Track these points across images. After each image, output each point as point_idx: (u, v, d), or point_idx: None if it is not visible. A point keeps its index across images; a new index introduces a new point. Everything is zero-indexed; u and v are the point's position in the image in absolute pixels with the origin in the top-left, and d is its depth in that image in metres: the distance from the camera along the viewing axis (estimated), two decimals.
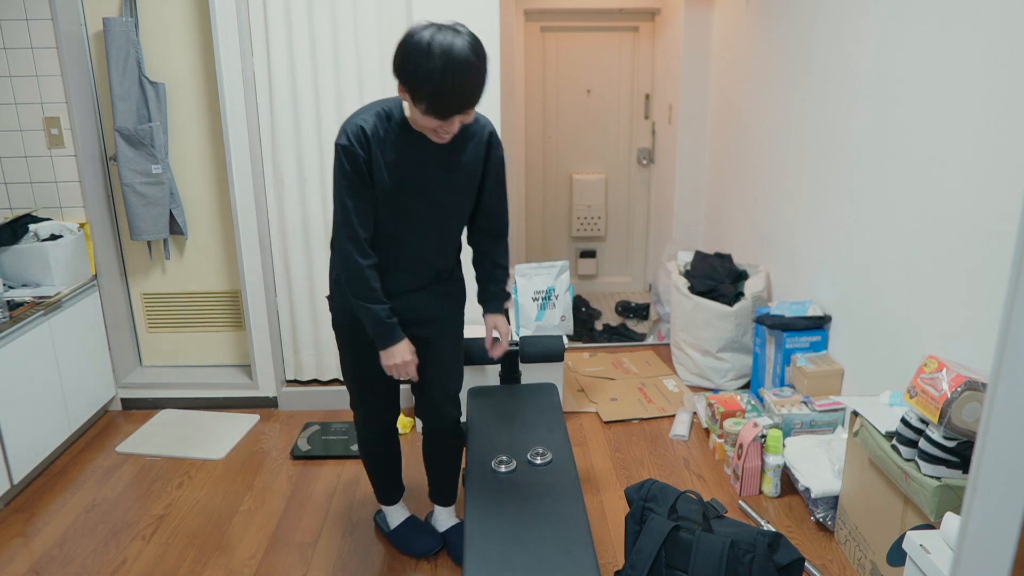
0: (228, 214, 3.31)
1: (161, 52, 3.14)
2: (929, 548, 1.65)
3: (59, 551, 2.42)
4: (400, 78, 1.68)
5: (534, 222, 5.32)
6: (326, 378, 3.39)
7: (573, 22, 4.91)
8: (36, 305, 2.79)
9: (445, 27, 1.66)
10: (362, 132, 1.77)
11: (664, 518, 1.86)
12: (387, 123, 1.80)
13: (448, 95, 1.63)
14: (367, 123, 1.78)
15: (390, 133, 1.80)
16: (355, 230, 1.82)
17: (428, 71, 1.61)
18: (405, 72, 1.65)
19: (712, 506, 1.89)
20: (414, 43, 1.63)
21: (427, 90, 1.63)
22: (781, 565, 1.75)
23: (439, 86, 1.62)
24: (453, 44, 1.62)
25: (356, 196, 1.80)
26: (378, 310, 1.87)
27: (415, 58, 1.62)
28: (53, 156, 3.08)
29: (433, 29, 1.64)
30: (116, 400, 3.37)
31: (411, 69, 1.63)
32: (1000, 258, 1.91)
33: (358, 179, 1.79)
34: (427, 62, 1.61)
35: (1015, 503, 0.64)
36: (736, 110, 3.86)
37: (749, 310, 3.31)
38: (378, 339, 1.91)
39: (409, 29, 1.68)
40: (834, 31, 2.75)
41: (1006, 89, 1.85)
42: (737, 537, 1.77)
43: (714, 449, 2.91)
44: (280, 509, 2.63)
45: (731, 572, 1.74)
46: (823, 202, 2.88)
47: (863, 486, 2.16)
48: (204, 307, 3.47)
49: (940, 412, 1.79)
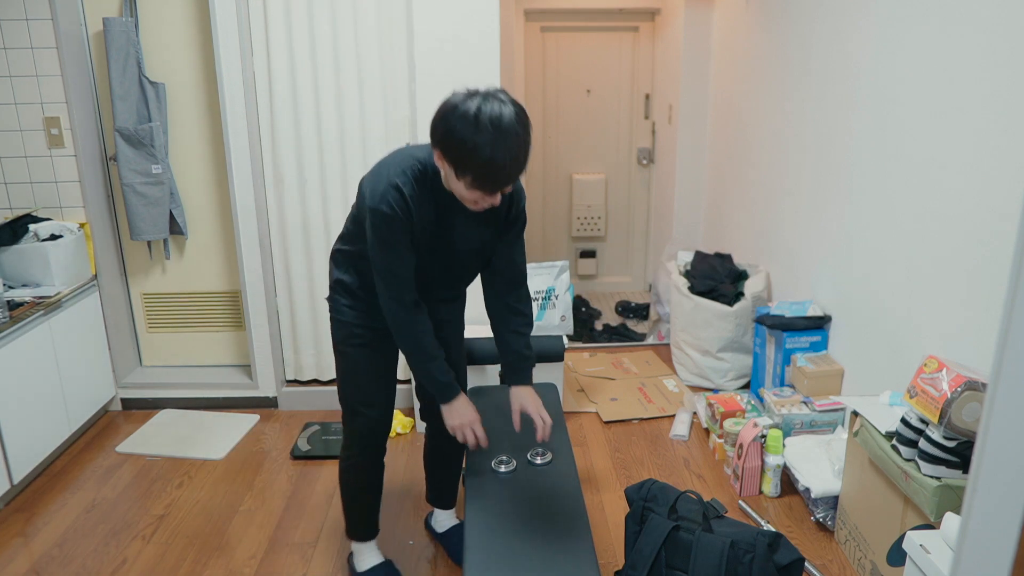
0: (228, 214, 3.31)
1: (161, 52, 3.14)
2: (929, 548, 1.65)
3: (59, 551, 2.42)
4: (442, 149, 1.58)
5: (534, 222, 5.32)
6: (326, 378, 3.39)
7: (573, 22, 4.91)
8: (36, 305, 2.79)
9: (490, 95, 1.55)
10: (401, 196, 1.67)
11: (664, 518, 1.86)
12: (423, 181, 1.71)
13: (498, 170, 1.54)
14: (405, 186, 1.68)
15: (425, 192, 1.72)
16: (402, 293, 1.77)
17: (477, 145, 1.51)
18: (450, 144, 1.55)
19: (712, 506, 1.89)
20: (460, 113, 1.53)
21: (475, 164, 1.53)
22: (781, 565, 1.75)
23: (489, 161, 1.52)
24: (502, 115, 1.51)
25: (401, 261, 1.74)
26: (433, 368, 1.84)
27: (462, 130, 1.52)
28: (53, 156, 3.08)
29: (479, 99, 1.53)
30: (116, 400, 3.37)
31: (457, 142, 1.53)
32: (1000, 258, 1.91)
33: (403, 243, 1.72)
34: (476, 135, 1.50)
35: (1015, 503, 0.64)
36: (736, 110, 3.86)
37: (749, 310, 3.31)
38: (438, 397, 1.90)
39: (450, 98, 1.58)
40: (834, 31, 2.75)
41: (1006, 89, 1.85)
42: (737, 537, 1.77)
43: (714, 449, 2.91)
44: (280, 509, 2.63)
45: (731, 572, 1.74)
46: (823, 202, 2.88)
47: (863, 486, 2.16)
48: (204, 307, 3.48)
49: (940, 412, 1.79)
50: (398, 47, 3.02)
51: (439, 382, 1.86)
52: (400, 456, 2.96)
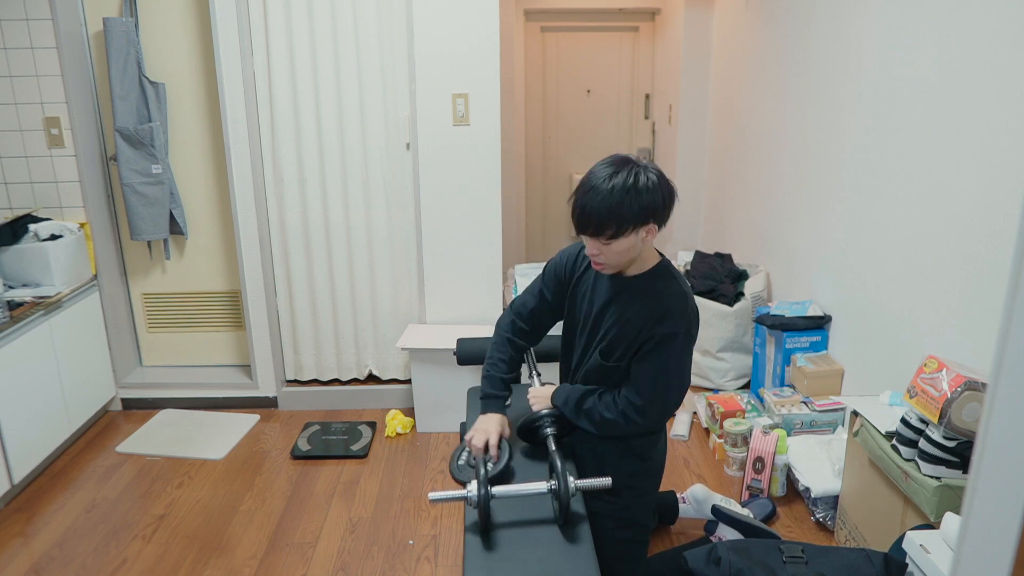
0: (228, 214, 3.30)
1: (161, 52, 3.14)
2: (929, 548, 1.65)
3: (59, 551, 2.42)
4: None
5: (534, 222, 5.32)
6: (326, 378, 3.39)
7: (573, 22, 4.91)
8: (36, 305, 2.79)
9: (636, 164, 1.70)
10: (577, 252, 1.91)
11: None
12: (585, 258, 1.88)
13: (574, 209, 1.68)
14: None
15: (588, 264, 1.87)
16: (520, 303, 2.00)
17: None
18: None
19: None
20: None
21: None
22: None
23: (573, 200, 1.70)
24: (598, 172, 1.67)
25: (536, 285, 1.98)
26: (489, 370, 1.97)
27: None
28: (53, 156, 3.08)
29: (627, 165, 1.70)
30: (116, 400, 3.37)
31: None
32: (1000, 258, 1.91)
33: (543, 277, 1.97)
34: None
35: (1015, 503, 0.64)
36: (736, 110, 3.85)
37: (749, 310, 3.31)
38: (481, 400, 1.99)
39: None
40: (834, 31, 2.75)
41: (1006, 89, 1.85)
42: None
43: (714, 449, 2.91)
44: (280, 509, 2.63)
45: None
46: (823, 202, 2.88)
47: (863, 486, 2.16)
48: (204, 307, 3.47)
49: (940, 412, 1.79)
50: (398, 47, 3.02)
51: (483, 389, 1.96)
52: (400, 456, 2.96)
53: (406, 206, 3.19)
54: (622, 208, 1.62)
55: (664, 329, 1.71)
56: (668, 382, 1.76)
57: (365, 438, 3.06)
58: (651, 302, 1.75)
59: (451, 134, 3.06)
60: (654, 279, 1.79)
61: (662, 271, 1.82)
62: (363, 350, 3.35)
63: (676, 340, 1.73)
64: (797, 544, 1.79)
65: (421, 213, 3.15)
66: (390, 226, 3.20)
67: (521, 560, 1.56)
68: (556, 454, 1.64)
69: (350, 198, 3.15)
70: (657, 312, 1.73)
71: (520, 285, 3.52)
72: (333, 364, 3.36)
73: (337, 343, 3.33)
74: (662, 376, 1.75)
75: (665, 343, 1.73)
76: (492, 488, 1.63)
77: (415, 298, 3.30)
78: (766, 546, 1.79)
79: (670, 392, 1.78)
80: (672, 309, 1.73)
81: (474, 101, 3.03)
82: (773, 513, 2.48)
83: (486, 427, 1.86)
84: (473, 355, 2.46)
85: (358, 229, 3.19)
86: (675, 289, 1.77)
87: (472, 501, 1.60)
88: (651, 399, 1.76)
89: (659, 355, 1.74)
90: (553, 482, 1.63)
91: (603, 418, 1.80)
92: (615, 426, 1.79)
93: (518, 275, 3.61)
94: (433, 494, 1.63)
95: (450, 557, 2.36)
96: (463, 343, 2.46)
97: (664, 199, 1.68)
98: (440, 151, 3.08)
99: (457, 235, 3.18)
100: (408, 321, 3.31)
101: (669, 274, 1.82)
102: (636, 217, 1.64)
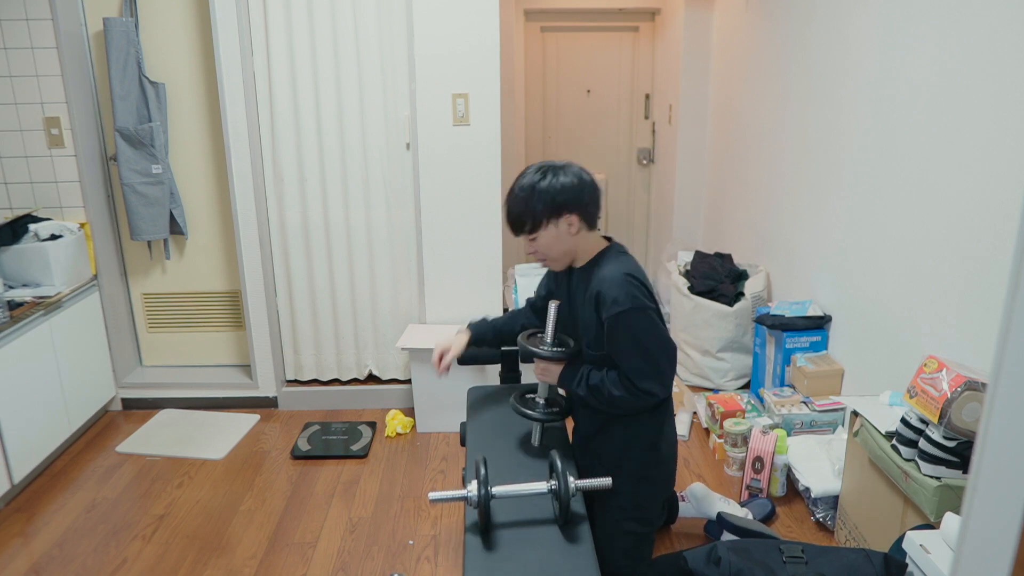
0: (228, 214, 3.31)
1: (161, 52, 3.14)
2: (929, 548, 1.65)
3: (59, 551, 2.42)
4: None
5: None
6: (326, 378, 3.39)
7: (573, 22, 4.91)
8: (36, 305, 2.79)
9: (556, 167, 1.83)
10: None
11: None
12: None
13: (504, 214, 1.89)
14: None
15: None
16: (533, 295, 2.17)
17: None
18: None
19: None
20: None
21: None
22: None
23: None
24: (517, 179, 1.84)
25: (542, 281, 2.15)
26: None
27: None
28: (53, 156, 3.08)
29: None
30: (116, 400, 3.37)
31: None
32: (1000, 258, 1.91)
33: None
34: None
35: (1015, 503, 0.64)
36: (736, 110, 3.86)
37: (749, 310, 3.31)
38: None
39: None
40: (834, 31, 2.75)
41: (1006, 89, 1.85)
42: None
43: (714, 449, 2.91)
44: (280, 509, 2.63)
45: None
46: (823, 202, 2.88)
47: (863, 486, 2.16)
48: (204, 307, 3.48)
49: (940, 412, 1.79)
50: (398, 47, 3.02)
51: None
52: (400, 456, 2.97)
53: (406, 206, 3.19)
54: (531, 202, 1.79)
55: (609, 311, 1.76)
56: (650, 354, 1.79)
57: (365, 438, 3.07)
58: (590, 289, 1.81)
59: (451, 134, 3.06)
60: (593, 267, 1.86)
61: (599, 258, 1.86)
62: (363, 350, 3.35)
63: (629, 316, 1.75)
64: (797, 544, 1.79)
65: (421, 213, 3.15)
66: (390, 226, 3.20)
67: (521, 560, 1.56)
68: (556, 454, 1.65)
69: (350, 198, 3.15)
70: (593, 296, 1.79)
71: (520, 285, 3.52)
72: (333, 364, 3.36)
73: (337, 343, 3.33)
74: (640, 352, 1.78)
75: (620, 322, 1.76)
76: (492, 488, 1.63)
77: (415, 298, 3.30)
78: (766, 546, 1.79)
79: (658, 361, 1.81)
80: (605, 289, 1.77)
81: (474, 101, 3.03)
82: (772, 513, 2.48)
83: (449, 343, 2.13)
84: (473, 355, 2.46)
85: (358, 229, 3.19)
86: (608, 270, 1.80)
87: (472, 501, 1.60)
88: (641, 375, 1.78)
89: (624, 335, 1.77)
90: (553, 482, 1.63)
91: (612, 395, 1.82)
92: (624, 402, 1.82)
93: (518, 275, 3.61)
94: (433, 494, 1.64)
95: (450, 557, 2.36)
96: None
97: (576, 192, 1.79)
98: (440, 151, 3.08)
99: (457, 235, 3.18)
100: (408, 321, 3.31)
101: (607, 258, 1.85)
102: (546, 210, 1.78)
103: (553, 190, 1.77)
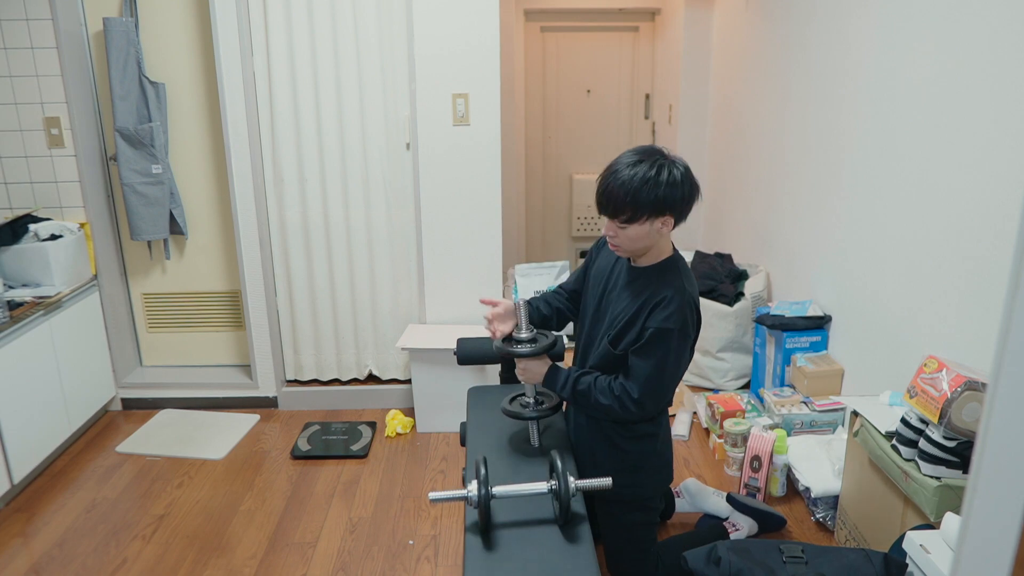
0: (228, 214, 3.30)
1: (161, 52, 3.14)
2: (929, 548, 1.65)
3: (59, 551, 2.42)
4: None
5: (534, 222, 5.32)
6: (326, 378, 3.39)
7: (573, 22, 4.91)
8: (36, 305, 2.79)
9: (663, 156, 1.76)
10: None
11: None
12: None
13: (597, 189, 1.77)
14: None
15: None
16: (566, 281, 2.14)
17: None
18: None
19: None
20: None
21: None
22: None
23: (598, 180, 1.79)
24: (624, 158, 1.74)
25: (580, 266, 2.10)
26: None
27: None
28: (53, 156, 3.08)
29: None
30: (116, 400, 3.37)
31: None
32: (1000, 258, 1.91)
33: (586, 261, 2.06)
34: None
35: (1015, 503, 0.64)
36: (736, 110, 3.86)
37: (749, 310, 3.31)
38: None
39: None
40: (834, 31, 2.75)
41: (1006, 89, 1.85)
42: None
43: (714, 449, 2.91)
44: (280, 509, 2.63)
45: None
46: (823, 202, 2.88)
47: (863, 486, 2.16)
48: (204, 307, 3.47)
49: (940, 412, 1.79)
50: (398, 47, 3.02)
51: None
52: (400, 456, 2.97)
53: (406, 206, 3.19)
54: (640, 195, 1.69)
55: (658, 322, 1.74)
56: (665, 375, 1.80)
57: (365, 438, 3.07)
58: (651, 293, 1.78)
59: (451, 134, 3.06)
60: (661, 272, 1.83)
61: (670, 265, 1.84)
62: (363, 350, 3.35)
63: (672, 337, 1.75)
64: (797, 544, 1.79)
65: (421, 213, 3.15)
66: (390, 226, 3.20)
67: (521, 560, 1.56)
68: (556, 454, 1.65)
69: (350, 198, 3.15)
70: (652, 303, 1.77)
71: (520, 285, 3.52)
72: (333, 364, 3.36)
73: (337, 343, 3.33)
74: (659, 373, 1.78)
75: (661, 338, 1.75)
76: (492, 488, 1.63)
77: (415, 298, 3.30)
78: (766, 546, 1.79)
79: (667, 384, 1.82)
80: (667, 302, 1.75)
81: (474, 101, 3.03)
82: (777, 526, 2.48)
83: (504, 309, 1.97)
84: (473, 355, 2.46)
85: (358, 229, 3.19)
86: (676, 284, 1.79)
87: (472, 501, 1.60)
88: (648, 394, 1.79)
89: (656, 350, 1.76)
90: (553, 482, 1.63)
91: (598, 403, 1.83)
92: (610, 411, 1.83)
93: (518, 275, 3.61)
94: (433, 494, 1.64)
95: (450, 557, 2.36)
96: (463, 343, 2.46)
97: (684, 195, 1.73)
98: (440, 151, 3.08)
99: (457, 235, 3.18)
100: (408, 321, 3.31)
101: (676, 269, 1.84)
102: (652, 206, 1.71)
103: (665, 189, 1.70)
